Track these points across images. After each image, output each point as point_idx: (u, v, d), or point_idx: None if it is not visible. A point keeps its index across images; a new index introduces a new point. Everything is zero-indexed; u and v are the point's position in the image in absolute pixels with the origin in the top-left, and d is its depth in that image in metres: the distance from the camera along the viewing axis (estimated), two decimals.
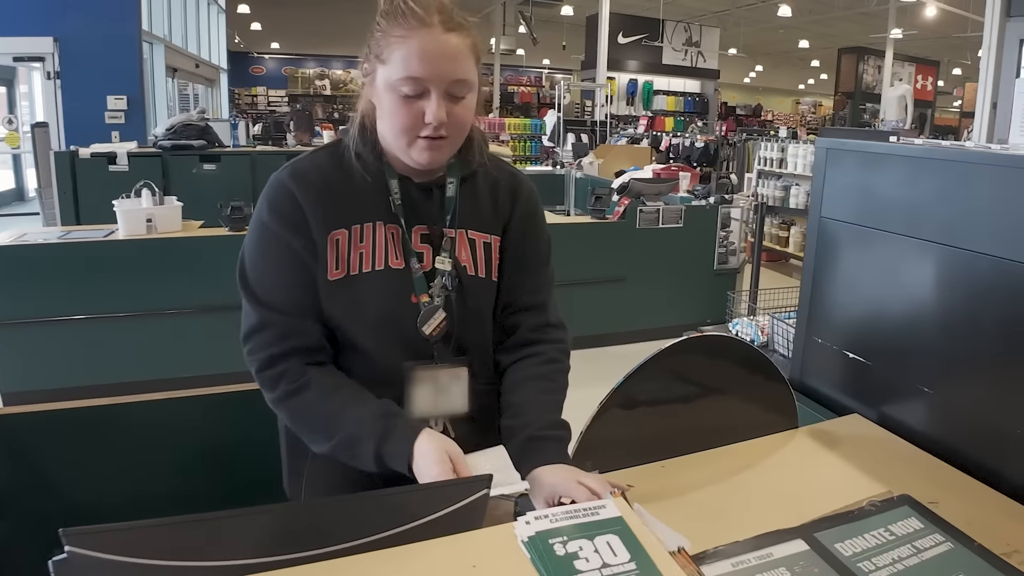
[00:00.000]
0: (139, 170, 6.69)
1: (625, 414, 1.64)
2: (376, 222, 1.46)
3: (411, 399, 1.48)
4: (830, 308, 2.10)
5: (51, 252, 4.68)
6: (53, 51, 9.42)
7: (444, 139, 1.39)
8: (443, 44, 1.35)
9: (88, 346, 4.75)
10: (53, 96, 9.57)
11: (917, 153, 1.83)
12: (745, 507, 1.47)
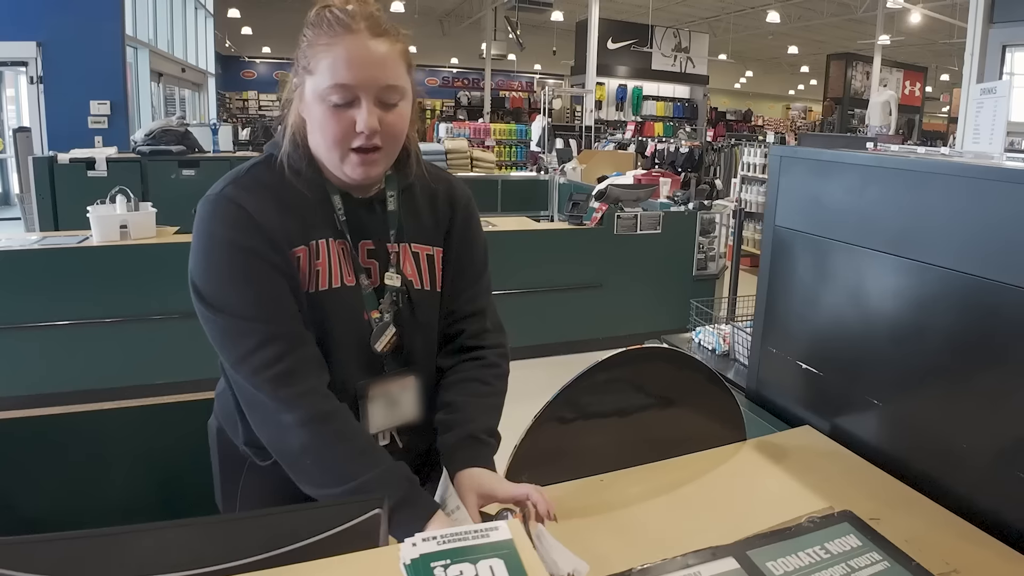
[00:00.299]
0: (118, 176, 6.64)
1: (562, 427, 1.61)
2: (327, 238, 1.41)
3: (366, 415, 1.45)
4: (784, 318, 2.06)
5: (22, 259, 4.64)
6: (36, 56, 9.38)
7: (378, 151, 1.35)
8: (371, 49, 1.31)
9: (60, 352, 4.71)
10: (36, 101, 9.51)
11: (865, 161, 1.79)
12: (681, 523, 1.44)
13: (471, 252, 1.59)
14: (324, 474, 1.29)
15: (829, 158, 1.90)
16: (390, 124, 1.34)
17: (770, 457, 1.70)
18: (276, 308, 1.33)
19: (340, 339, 1.42)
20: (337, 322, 1.41)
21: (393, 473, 1.30)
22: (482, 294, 1.61)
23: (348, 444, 1.31)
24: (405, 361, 1.50)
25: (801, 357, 1.98)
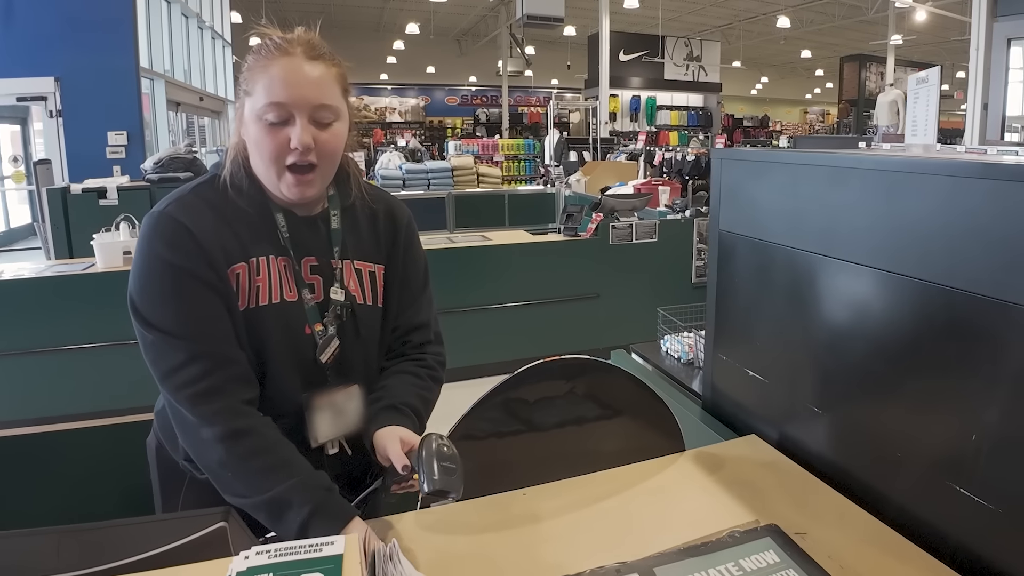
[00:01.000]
0: (128, 204, 6.68)
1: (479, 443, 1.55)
2: (268, 255, 1.44)
3: (313, 425, 1.47)
4: (732, 324, 1.99)
5: (27, 287, 4.72)
6: (54, 90, 9.48)
7: (313, 169, 1.38)
8: (305, 70, 1.36)
9: (68, 376, 4.75)
10: (56, 134, 9.61)
11: (793, 160, 1.72)
12: (596, 537, 1.37)
13: (414, 269, 1.64)
14: (242, 486, 1.31)
15: (761, 158, 1.84)
16: (324, 142, 1.38)
17: (705, 468, 1.63)
18: (205, 327, 1.36)
19: (280, 353, 1.44)
20: (277, 336, 1.43)
21: (308, 483, 1.32)
22: (425, 308, 1.66)
23: (263, 458, 1.32)
24: (346, 372, 1.51)
25: (748, 364, 1.90)
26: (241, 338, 1.40)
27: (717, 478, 1.58)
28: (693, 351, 2.52)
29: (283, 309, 1.44)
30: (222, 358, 1.36)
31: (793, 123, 30.42)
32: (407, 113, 28.08)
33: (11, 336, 4.65)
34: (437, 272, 1.72)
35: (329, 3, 22.20)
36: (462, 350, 5.28)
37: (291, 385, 1.45)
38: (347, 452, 1.54)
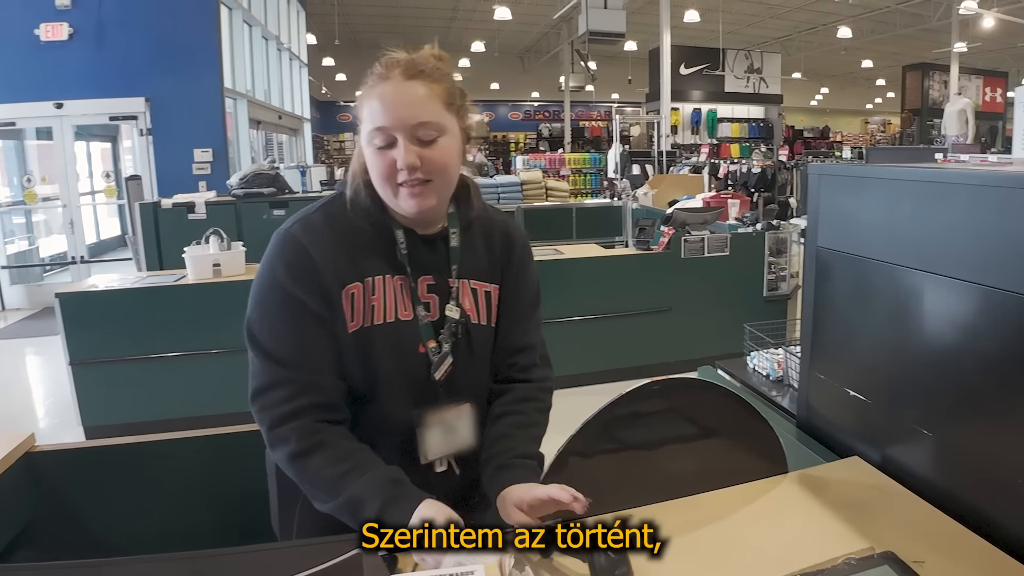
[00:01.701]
0: (215, 218, 6.83)
1: (586, 461, 1.51)
2: (384, 275, 1.44)
3: (423, 442, 1.47)
4: (830, 342, 1.91)
5: (125, 297, 4.85)
6: (145, 110, 9.71)
7: (426, 183, 1.37)
8: (401, 91, 1.36)
9: (161, 383, 4.86)
10: (146, 151, 9.85)
11: (894, 175, 1.65)
12: (707, 563, 1.32)
13: (525, 290, 1.61)
14: (321, 493, 1.35)
15: (861, 174, 1.77)
16: (429, 159, 1.36)
17: (811, 492, 1.56)
18: (301, 355, 1.38)
19: (392, 371, 1.44)
20: (389, 355, 1.43)
21: (376, 479, 1.32)
22: (532, 330, 1.63)
23: (334, 468, 1.34)
24: (458, 390, 1.50)
25: (848, 384, 1.83)
26: (348, 360, 1.41)
27: (824, 502, 1.52)
28: (783, 368, 2.44)
29: (396, 328, 1.43)
30: (310, 385, 1.38)
31: (854, 134, 29.75)
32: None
33: (108, 344, 4.77)
34: None
35: (397, 24, 22.44)
36: None
37: (402, 402, 1.45)
38: (455, 471, 1.52)
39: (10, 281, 9.53)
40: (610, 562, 1.20)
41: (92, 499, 2.32)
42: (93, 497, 2.32)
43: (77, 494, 2.30)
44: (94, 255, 10.73)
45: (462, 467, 1.52)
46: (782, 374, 2.44)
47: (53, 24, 9.32)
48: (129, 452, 2.35)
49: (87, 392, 4.77)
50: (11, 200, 10.11)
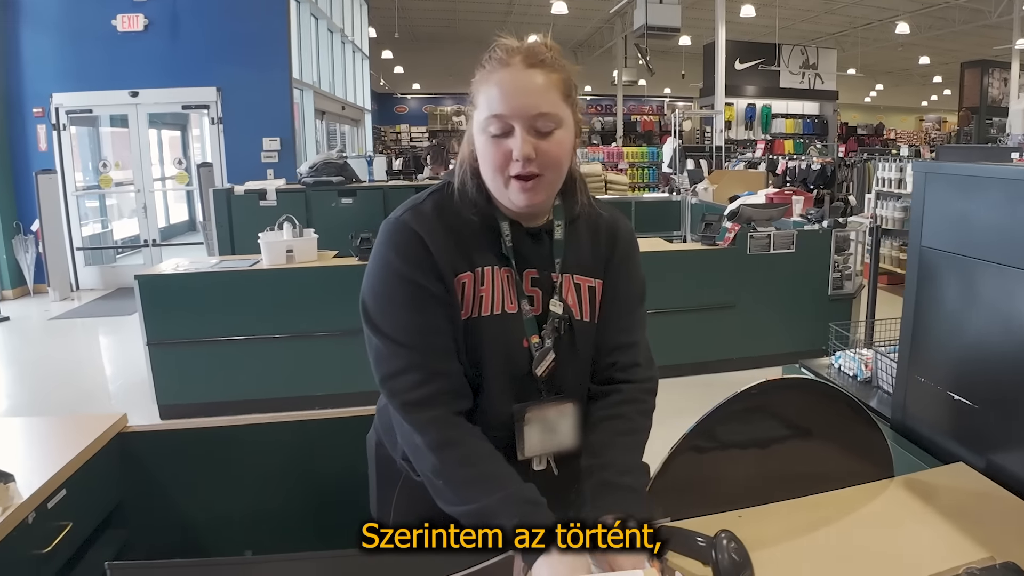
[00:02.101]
0: (285, 205, 6.90)
1: (699, 458, 1.48)
2: (492, 265, 1.41)
3: (522, 439, 1.42)
4: (933, 344, 1.85)
5: (202, 280, 4.93)
6: (216, 99, 9.84)
7: (537, 177, 1.32)
8: (522, 80, 1.31)
9: (234, 365, 4.93)
10: (217, 139, 9.99)
11: (1011, 175, 1.58)
12: (823, 569, 1.28)
13: (629, 285, 1.54)
14: (453, 494, 1.29)
15: (976, 173, 1.69)
16: (545, 151, 1.31)
17: (921, 497, 1.51)
18: (426, 339, 1.35)
19: (496, 364, 1.40)
20: (495, 347, 1.39)
21: (516, 496, 1.26)
22: (636, 327, 1.55)
23: (474, 468, 1.30)
24: (559, 387, 1.45)
25: (952, 387, 1.77)
26: (460, 348, 1.38)
27: (935, 508, 1.47)
28: (871, 369, 2.38)
29: (503, 321, 1.40)
30: (438, 370, 1.35)
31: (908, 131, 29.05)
32: None
33: (184, 325, 4.84)
34: None
35: (454, 19, 22.47)
36: None
37: (504, 397, 1.41)
38: (553, 471, 1.46)
39: (84, 262, 9.74)
40: (734, 565, 1.17)
41: (181, 479, 2.34)
42: (182, 477, 2.34)
43: (166, 474, 2.32)
44: (164, 239, 10.92)
45: (561, 467, 1.47)
46: (870, 375, 2.38)
47: (130, 15, 9.47)
48: (218, 434, 2.37)
49: (163, 372, 4.84)
50: (88, 185, 10.31)
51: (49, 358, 6.82)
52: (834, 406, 1.58)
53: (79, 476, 2.01)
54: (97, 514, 2.16)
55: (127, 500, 2.28)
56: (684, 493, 1.46)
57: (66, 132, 9.50)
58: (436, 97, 27.67)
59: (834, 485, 1.55)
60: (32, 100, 9.38)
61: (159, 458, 2.32)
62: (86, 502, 2.05)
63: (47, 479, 1.87)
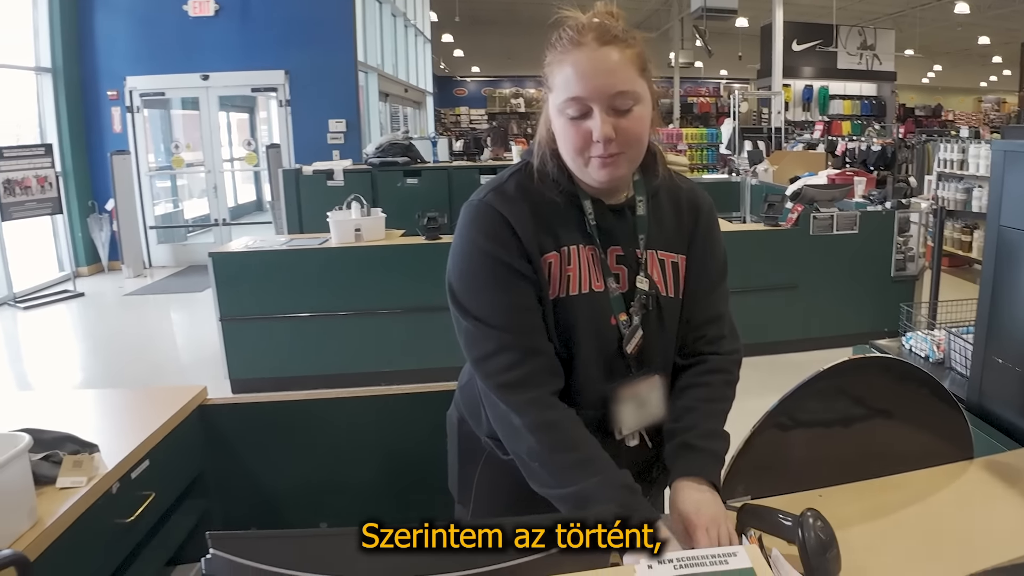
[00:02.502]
0: (352, 185, 6.97)
1: (781, 436, 1.47)
2: (578, 244, 1.38)
3: (618, 417, 1.40)
4: (1012, 325, 1.80)
5: (273, 258, 5.00)
6: (284, 82, 9.96)
7: (619, 155, 1.29)
8: (597, 59, 1.26)
9: (303, 340, 5.01)
10: (285, 121, 10.11)
11: None
12: (903, 551, 1.26)
13: (712, 258, 1.50)
14: (549, 476, 1.28)
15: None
16: (625, 129, 1.28)
17: (1002, 479, 1.48)
18: (517, 318, 1.33)
19: (586, 343, 1.37)
20: (584, 326, 1.37)
21: (611, 483, 1.25)
22: (720, 300, 1.52)
23: (571, 453, 1.27)
24: (648, 363, 1.42)
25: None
26: (550, 328, 1.36)
27: (1019, 491, 1.44)
28: (943, 350, 2.33)
29: (591, 299, 1.37)
30: (532, 349, 1.32)
31: (966, 112, 28.13)
32: None
33: (256, 301, 4.92)
34: None
35: (514, 1, 22.31)
36: None
37: (596, 375, 1.39)
38: (648, 445, 1.44)
39: (157, 240, 9.97)
40: (820, 543, 1.15)
41: (258, 451, 2.38)
42: (259, 449, 2.38)
43: (245, 445, 2.36)
44: (233, 218, 11.11)
45: (654, 440, 1.45)
46: (942, 356, 2.33)
47: (201, 0, 9.62)
48: (295, 408, 2.40)
49: (235, 347, 4.93)
50: (160, 165, 10.52)
51: (123, 333, 7.00)
52: (913, 386, 1.55)
53: (161, 447, 2.04)
54: (179, 484, 2.20)
55: (207, 470, 2.33)
56: (765, 471, 1.45)
57: (139, 114, 9.72)
58: (495, 80, 27.56)
59: (914, 466, 1.52)
60: (107, 83, 9.63)
61: (238, 430, 2.35)
62: (168, 472, 2.09)
63: (131, 450, 1.90)
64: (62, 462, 1.70)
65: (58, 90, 9.26)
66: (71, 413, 2.19)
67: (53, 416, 2.02)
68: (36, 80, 9.23)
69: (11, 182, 7.64)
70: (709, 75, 26.42)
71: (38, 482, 1.62)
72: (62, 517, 1.58)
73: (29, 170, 7.87)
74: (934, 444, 1.56)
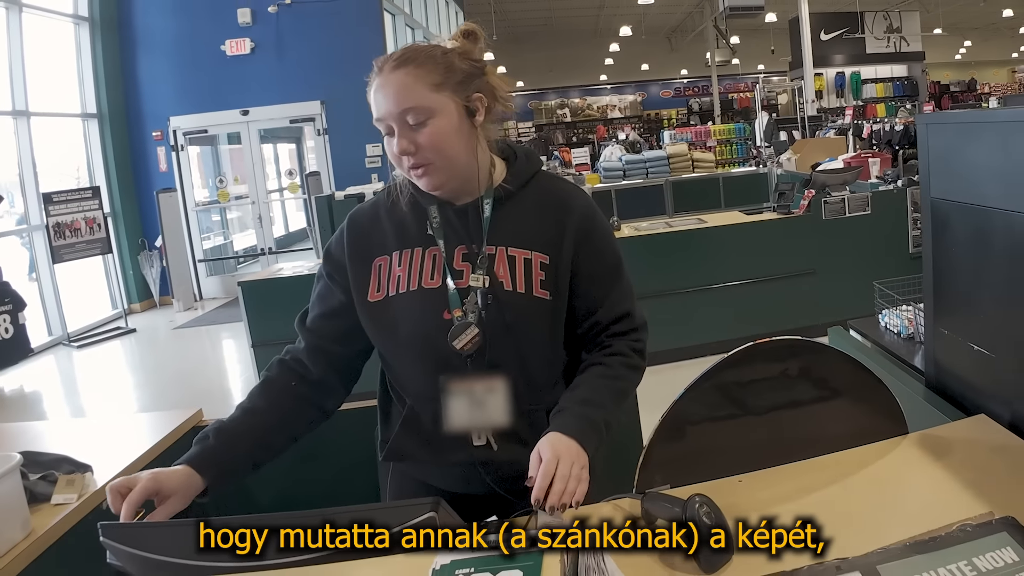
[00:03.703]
0: None
1: (693, 428, 1.41)
2: (415, 248, 1.44)
3: (447, 411, 1.41)
4: (953, 296, 1.71)
5: (298, 283, 5.05)
6: (321, 112, 10.13)
7: (428, 164, 1.36)
8: (387, 84, 1.35)
9: None
10: (324, 149, 10.27)
11: (1007, 117, 1.44)
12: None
13: (597, 260, 1.48)
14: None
15: (972, 119, 1.56)
16: (423, 142, 1.34)
17: (930, 453, 1.39)
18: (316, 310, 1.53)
19: (412, 337, 1.42)
20: (409, 321, 1.41)
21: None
22: (622, 299, 1.49)
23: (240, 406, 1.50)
24: (495, 364, 1.40)
25: (973, 338, 1.62)
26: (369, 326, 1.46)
27: (944, 464, 1.35)
28: (913, 325, 2.23)
29: (420, 295, 1.41)
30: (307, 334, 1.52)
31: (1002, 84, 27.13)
32: (626, 109, 27.79)
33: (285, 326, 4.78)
34: (656, 255, 1.60)
35: (551, 16, 22.40)
36: (682, 331, 5.08)
37: (422, 368, 1.42)
38: (492, 447, 1.43)
39: (207, 273, 10.16)
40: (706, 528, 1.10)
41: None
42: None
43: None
44: (282, 246, 11.30)
45: (500, 444, 1.44)
46: (913, 331, 2.23)
47: (237, 40, 9.85)
48: None
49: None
50: (208, 200, 10.75)
51: (171, 364, 7.13)
52: (838, 366, 1.48)
53: (154, 466, 2.06)
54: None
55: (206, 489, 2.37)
56: (688, 461, 1.40)
57: (184, 152, 9.94)
58: (540, 93, 27.56)
59: (843, 445, 1.44)
60: (152, 124, 9.90)
61: None
62: None
63: (121, 469, 1.96)
64: (57, 481, 1.80)
65: (104, 134, 9.56)
66: (75, 437, 2.30)
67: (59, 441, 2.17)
68: (83, 125, 9.54)
69: (61, 225, 7.85)
70: (747, 71, 26.13)
71: (35, 499, 1.73)
72: (53, 529, 1.68)
73: (78, 213, 8.07)
74: (866, 422, 1.47)
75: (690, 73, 27.79)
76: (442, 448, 1.45)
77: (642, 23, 23.01)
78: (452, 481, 1.48)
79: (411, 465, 1.54)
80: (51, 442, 2.15)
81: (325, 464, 2.41)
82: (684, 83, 28.38)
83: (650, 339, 1.52)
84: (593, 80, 27.07)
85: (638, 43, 24.57)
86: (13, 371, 6.88)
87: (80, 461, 1.90)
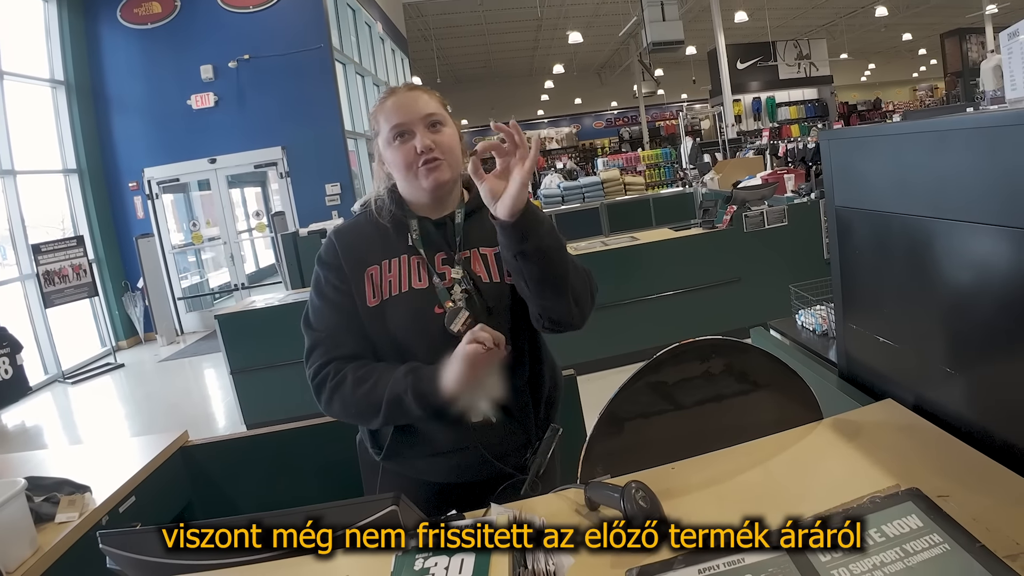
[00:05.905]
0: None
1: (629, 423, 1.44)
2: (401, 256, 1.53)
3: None
4: (859, 294, 1.76)
5: (270, 313, 5.04)
6: (282, 156, 10.08)
7: (440, 160, 1.47)
8: (408, 97, 1.51)
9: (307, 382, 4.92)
10: (287, 190, 10.19)
11: (895, 131, 1.50)
12: (738, 508, 1.21)
13: None
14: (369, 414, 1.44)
15: (865, 134, 1.62)
16: (442, 141, 1.49)
17: (843, 435, 1.43)
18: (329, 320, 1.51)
19: (413, 332, 1.49)
20: (408, 318, 1.49)
21: (397, 381, 1.41)
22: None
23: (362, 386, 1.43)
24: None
25: (878, 331, 1.68)
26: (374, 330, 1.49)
27: (855, 445, 1.39)
28: (827, 322, 2.29)
29: (413, 294, 1.49)
30: (333, 344, 1.49)
31: (904, 101, 28.02)
32: (562, 140, 28.09)
33: (260, 353, 4.93)
34: (595, 272, 1.65)
35: (489, 59, 22.59)
36: (620, 340, 5.13)
37: (425, 359, 1.45)
38: (492, 420, 1.52)
39: (186, 309, 10.04)
40: (641, 511, 1.12)
41: (239, 481, 2.43)
42: (239, 479, 2.43)
43: (226, 477, 2.42)
44: (254, 282, 11.17)
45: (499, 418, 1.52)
46: (826, 328, 2.29)
47: (201, 94, 9.80)
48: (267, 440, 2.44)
49: (247, 396, 4.95)
50: (183, 243, 10.62)
51: (158, 394, 7.08)
52: (757, 361, 1.52)
53: (146, 485, 2.16)
54: (165, 515, 2.28)
55: (195, 502, 2.40)
56: (625, 453, 1.42)
57: (159, 200, 9.82)
58: (483, 129, 27.75)
59: (764, 432, 1.47)
60: (128, 175, 9.84)
61: (218, 465, 2.43)
62: (155, 506, 2.19)
63: (116, 489, 2.03)
64: (60, 502, 1.87)
65: (85, 187, 9.48)
66: (74, 462, 2.34)
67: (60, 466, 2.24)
68: (65, 180, 9.41)
69: (50, 273, 7.82)
70: (671, 99, 26.60)
71: (40, 519, 1.80)
72: (58, 545, 1.75)
73: (65, 261, 8.06)
74: (785, 410, 1.51)
75: (620, 105, 28.20)
76: (440, 437, 1.51)
77: (573, 61, 23.33)
78: (447, 472, 1.53)
79: (405, 463, 1.56)
80: (52, 468, 2.22)
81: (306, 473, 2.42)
82: (615, 114, 28.78)
83: (591, 348, 1.58)
84: (531, 115, 27.35)
85: (571, 79, 24.93)
86: (14, 408, 6.92)
87: (79, 483, 1.96)
